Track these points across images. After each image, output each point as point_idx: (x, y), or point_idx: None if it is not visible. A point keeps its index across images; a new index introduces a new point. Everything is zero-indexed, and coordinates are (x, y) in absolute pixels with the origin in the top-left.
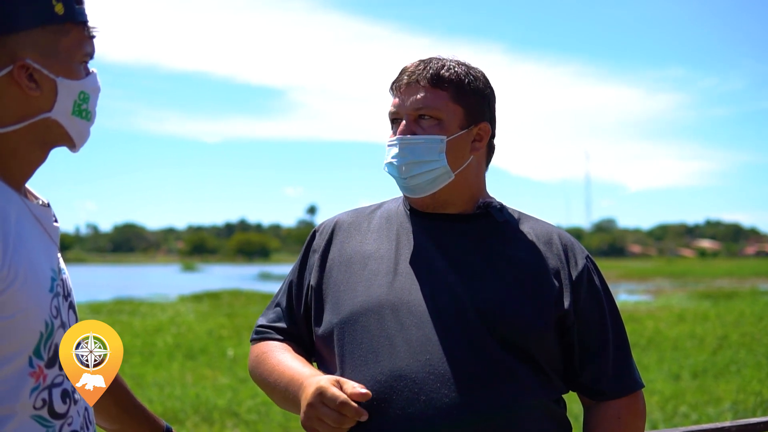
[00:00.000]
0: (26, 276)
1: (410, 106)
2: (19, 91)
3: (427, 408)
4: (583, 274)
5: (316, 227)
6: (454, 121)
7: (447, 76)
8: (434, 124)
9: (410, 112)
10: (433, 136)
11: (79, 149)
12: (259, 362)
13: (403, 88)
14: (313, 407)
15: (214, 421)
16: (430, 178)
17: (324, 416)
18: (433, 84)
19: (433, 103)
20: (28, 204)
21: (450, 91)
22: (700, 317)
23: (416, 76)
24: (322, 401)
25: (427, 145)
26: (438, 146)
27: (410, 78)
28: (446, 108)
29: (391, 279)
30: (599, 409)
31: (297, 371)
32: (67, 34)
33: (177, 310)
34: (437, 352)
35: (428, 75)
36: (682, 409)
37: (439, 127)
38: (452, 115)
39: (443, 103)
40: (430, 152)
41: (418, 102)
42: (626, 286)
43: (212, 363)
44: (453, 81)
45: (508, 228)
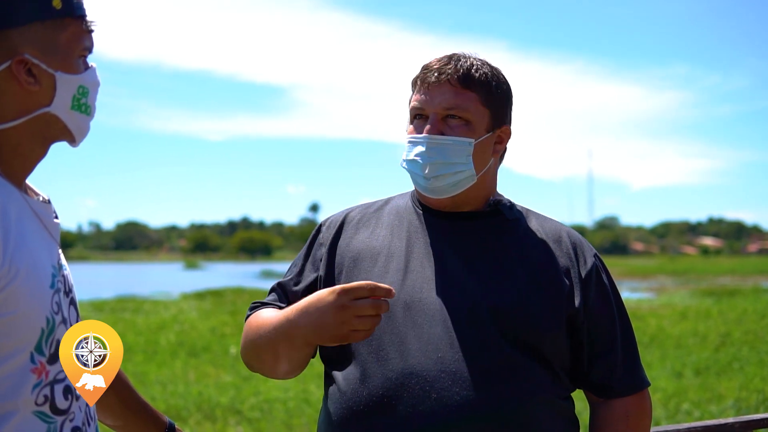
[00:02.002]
0: (27, 272)
1: (439, 104)
2: (17, 87)
3: (438, 405)
4: (592, 272)
5: (323, 221)
6: (481, 124)
7: (477, 77)
8: (462, 124)
9: (439, 111)
10: (462, 138)
11: (79, 144)
12: (248, 330)
13: (432, 84)
14: (345, 308)
15: (216, 419)
16: (455, 180)
17: (361, 310)
18: (464, 84)
19: (464, 104)
20: (28, 200)
21: (480, 93)
22: (702, 315)
23: (446, 74)
24: (351, 298)
25: (455, 147)
26: (467, 149)
27: (440, 75)
28: (476, 110)
29: (403, 276)
30: (607, 407)
31: (284, 311)
32: (65, 29)
33: (180, 307)
34: (449, 349)
35: (459, 74)
36: (685, 406)
37: (467, 129)
38: (480, 118)
39: (473, 105)
40: (459, 155)
41: (449, 102)
42: (629, 283)
43: (215, 361)
44: (482, 82)
45: (518, 226)
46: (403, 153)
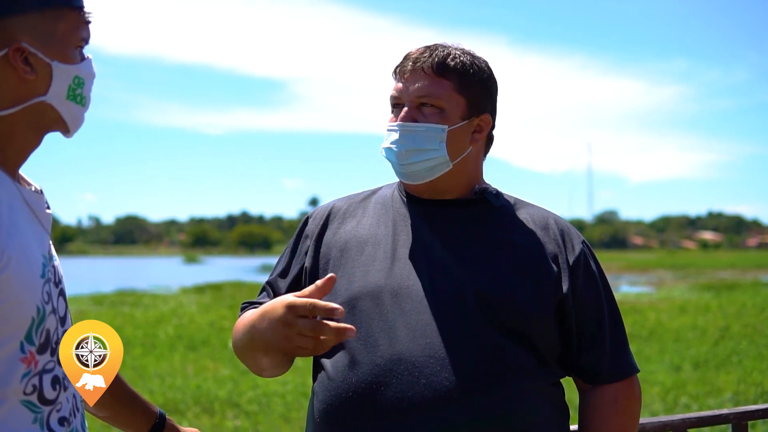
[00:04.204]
0: (18, 261)
1: (413, 93)
2: (14, 75)
3: (426, 391)
4: (580, 258)
5: (309, 213)
6: (456, 112)
7: (452, 66)
8: (436, 112)
9: (412, 99)
10: (434, 125)
11: (72, 134)
12: (236, 330)
13: (407, 74)
14: (288, 325)
15: (215, 412)
16: (428, 166)
17: (303, 329)
18: (438, 73)
19: (437, 92)
20: (20, 189)
21: (454, 80)
22: (701, 309)
23: (421, 63)
24: (296, 315)
25: (427, 133)
26: (438, 135)
27: (415, 64)
28: (449, 98)
29: (390, 264)
30: (596, 393)
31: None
32: (63, 19)
33: (179, 301)
34: (437, 336)
35: (433, 63)
36: (683, 399)
37: (440, 116)
38: (455, 106)
39: (447, 93)
40: (431, 141)
41: (422, 90)
42: (628, 277)
43: (214, 354)
44: (458, 70)
45: (505, 213)
46: (383, 141)
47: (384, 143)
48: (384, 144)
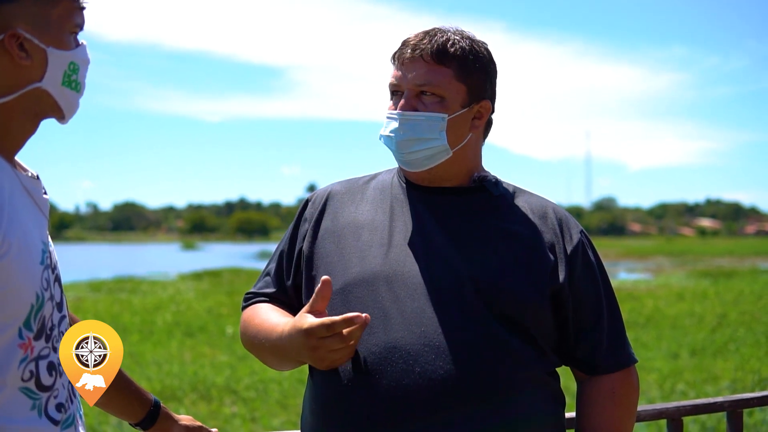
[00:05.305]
0: (19, 247)
1: (412, 80)
2: (9, 61)
3: (421, 379)
4: (578, 248)
5: (309, 197)
6: (456, 99)
7: (452, 52)
8: (436, 101)
9: (412, 87)
10: (434, 114)
11: (68, 120)
12: (247, 326)
13: (406, 61)
14: (317, 349)
15: (212, 399)
16: (428, 154)
17: (332, 346)
18: (438, 60)
19: (437, 80)
20: (19, 175)
21: (454, 68)
22: (699, 296)
23: (420, 50)
24: (319, 338)
25: (427, 122)
26: (439, 124)
27: (414, 51)
28: (449, 86)
29: (386, 250)
30: (593, 383)
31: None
32: (57, 5)
33: (177, 288)
34: (432, 324)
35: (433, 50)
36: (680, 386)
37: (440, 105)
38: (455, 93)
39: (447, 81)
40: (431, 130)
41: (421, 78)
42: (626, 264)
43: (211, 341)
44: (458, 57)
45: (504, 202)
46: (381, 128)
47: (383, 130)
48: (383, 131)
